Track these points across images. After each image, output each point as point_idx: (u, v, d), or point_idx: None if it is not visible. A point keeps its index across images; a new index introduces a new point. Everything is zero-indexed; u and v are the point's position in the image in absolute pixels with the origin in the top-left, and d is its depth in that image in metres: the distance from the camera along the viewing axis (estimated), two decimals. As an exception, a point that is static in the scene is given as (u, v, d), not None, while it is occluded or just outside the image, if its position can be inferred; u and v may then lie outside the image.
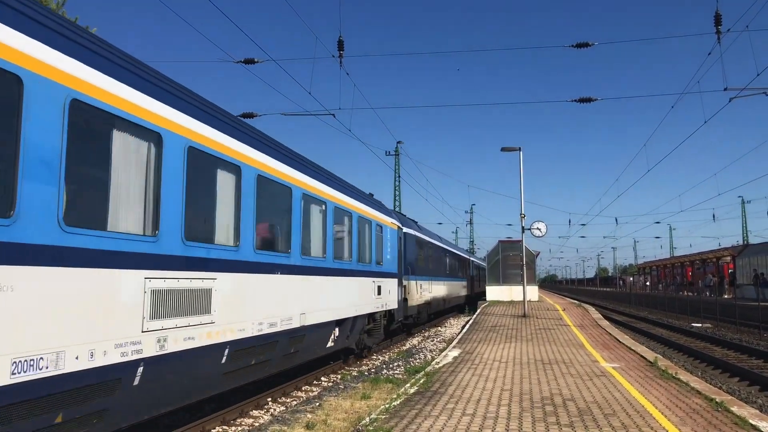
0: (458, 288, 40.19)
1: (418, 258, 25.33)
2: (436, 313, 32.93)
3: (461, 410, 8.49)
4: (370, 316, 16.67)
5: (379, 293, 16.79)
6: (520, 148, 26.64)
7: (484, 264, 56.77)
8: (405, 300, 21.48)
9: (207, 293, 7.51)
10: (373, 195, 21.60)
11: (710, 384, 12.50)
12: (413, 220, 27.63)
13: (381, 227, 17.38)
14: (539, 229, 27.13)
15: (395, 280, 19.17)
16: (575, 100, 19.06)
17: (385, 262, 17.66)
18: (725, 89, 17.33)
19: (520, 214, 26.62)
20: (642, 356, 14.10)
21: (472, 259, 55.58)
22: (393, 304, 18.77)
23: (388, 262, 18.20)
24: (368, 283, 15.87)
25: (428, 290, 27.07)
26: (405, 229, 22.52)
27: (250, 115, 19.38)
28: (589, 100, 18.90)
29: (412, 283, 23.33)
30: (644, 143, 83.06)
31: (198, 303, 7.27)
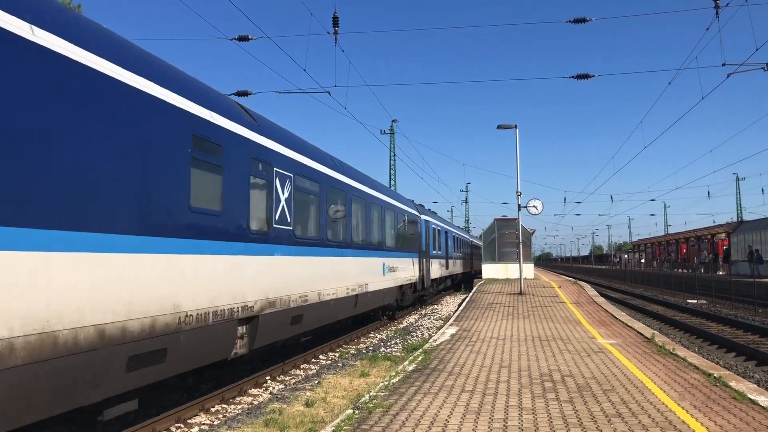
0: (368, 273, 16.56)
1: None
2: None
3: (460, 387, 8.48)
4: None
5: None
6: (516, 126, 26.47)
7: (468, 239, 54.97)
8: None
9: None
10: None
11: (707, 359, 12.54)
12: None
13: None
14: (536, 207, 27.07)
15: None
16: (572, 77, 18.90)
17: None
18: (723, 65, 17.20)
19: (517, 192, 26.55)
20: (639, 332, 14.13)
21: (451, 229, 38.62)
22: None
23: None
24: None
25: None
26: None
27: (245, 93, 19.18)
28: (586, 76, 18.74)
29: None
30: (641, 120, 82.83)
31: None
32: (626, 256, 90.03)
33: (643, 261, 78.83)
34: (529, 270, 40.01)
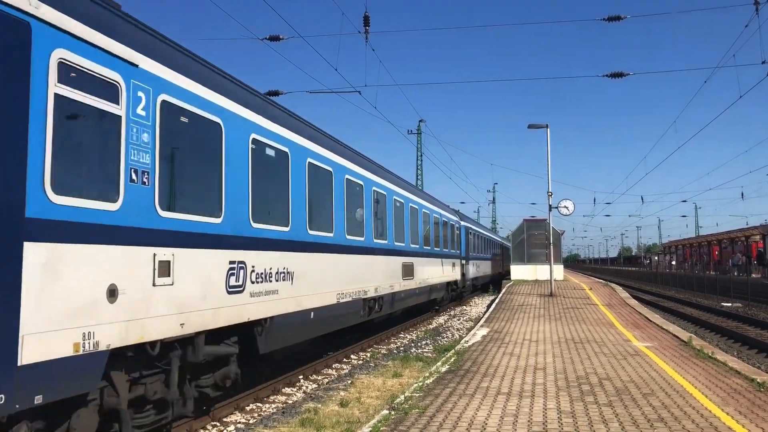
0: None
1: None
2: None
3: (496, 389, 8.40)
4: None
5: None
6: (547, 125, 26.23)
7: (483, 233, 51.08)
8: None
9: None
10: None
11: (748, 364, 12.25)
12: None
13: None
14: (566, 208, 26.75)
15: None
16: (606, 75, 18.64)
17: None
18: (763, 62, 16.81)
19: (548, 192, 26.28)
20: (675, 335, 13.88)
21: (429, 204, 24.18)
22: None
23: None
24: None
25: None
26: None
27: (276, 93, 19.27)
28: (620, 75, 18.46)
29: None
30: (674, 120, 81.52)
31: None
32: (657, 258, 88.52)
33: (674, 263, 77.46)
34: (558, 271, 39.59)
